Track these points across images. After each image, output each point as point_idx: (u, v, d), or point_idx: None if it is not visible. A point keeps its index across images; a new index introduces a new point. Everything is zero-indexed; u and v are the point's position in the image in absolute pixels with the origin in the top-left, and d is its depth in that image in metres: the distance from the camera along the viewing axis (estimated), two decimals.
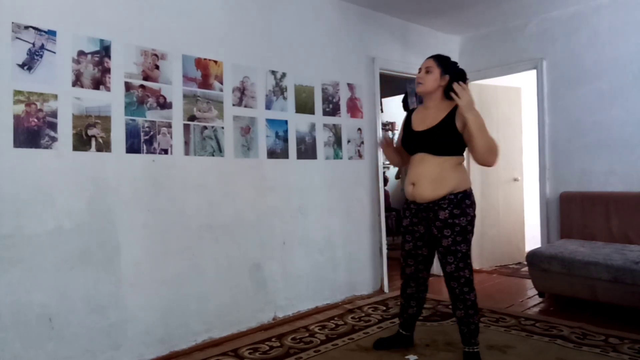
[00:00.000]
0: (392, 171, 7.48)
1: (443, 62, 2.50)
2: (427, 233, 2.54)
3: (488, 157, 2.35)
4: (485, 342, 2.76)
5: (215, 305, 3.02)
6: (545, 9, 4.26)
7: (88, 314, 2.49)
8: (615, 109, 3.96)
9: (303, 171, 3.59)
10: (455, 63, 2.54)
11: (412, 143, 2.56)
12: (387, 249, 4.32)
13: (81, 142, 2.51)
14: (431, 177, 2.43)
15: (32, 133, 2.35)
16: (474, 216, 2.46)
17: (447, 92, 2.44)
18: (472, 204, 2.46)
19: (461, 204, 2.41)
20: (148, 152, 2.76)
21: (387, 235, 4.71)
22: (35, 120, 2.36)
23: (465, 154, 2.56)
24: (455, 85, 2.31)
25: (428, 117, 2.51)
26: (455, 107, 2.40)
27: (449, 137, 2.41)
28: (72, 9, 2.50)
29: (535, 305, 3.67)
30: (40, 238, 2.35)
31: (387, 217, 5.04)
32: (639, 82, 3.84)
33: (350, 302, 3.75)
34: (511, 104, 5.29)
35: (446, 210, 2.40)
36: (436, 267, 3.58)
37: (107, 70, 2.62)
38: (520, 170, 5.34)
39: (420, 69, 2.55)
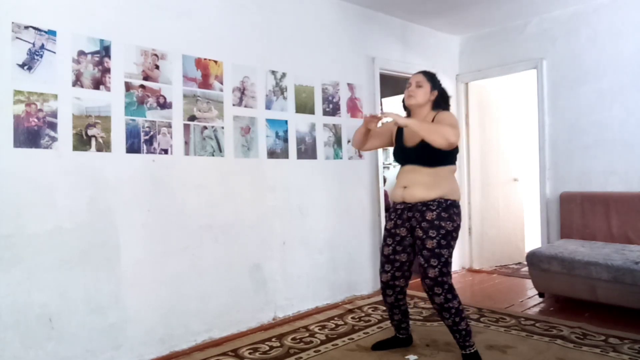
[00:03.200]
0: (393, 172, 7.47)
1: (432, 79, 2.61)
2: (409, 237, 2.55)
3: (439, 138, 2.31)
4: (485, 342, 2.77)
5: (215, 305, 3.02)
6: (545, 9, 4.26)
7: (88, 314, 2.49)
8: (615, 109, 3.97)
9: (303, 171, 3.59)
10: (439, 81, 2.66)
11: (403, 156, 2.63)
12: None
13: (81, 142, 2.51)
14: (423, 183, 2.47)
15: (32, 133, 2.35)
16: (459, 225, 2.48)
17: (435, 106, 2.59)
18: (459, 215, 2.49)
19: (449, 209, 2.44)
20: (148, 152, 2.76)
21: None
22: (35, 120, 2.36)
23: (464, 155, 2.59)
24: (388, 116, 2.47)
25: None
26: (434, 117, 2.53)
27: (438, 149, 2.41)
28: (72, 9, 2.51)
29: (535, 305, 3.67)
30: (40, 238, 2.35)
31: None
32: (639, 82, 3.85)
33: (350, 302, 3.75)
34: (511, 104, 5.30)
35: (434, 211, 2.42)
36: None
37: (107, 70, 2.62)
38: (520, 170, 5.34)
39: (410, 83, 2.62)
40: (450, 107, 2.67)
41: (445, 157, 2.48)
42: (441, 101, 2.61)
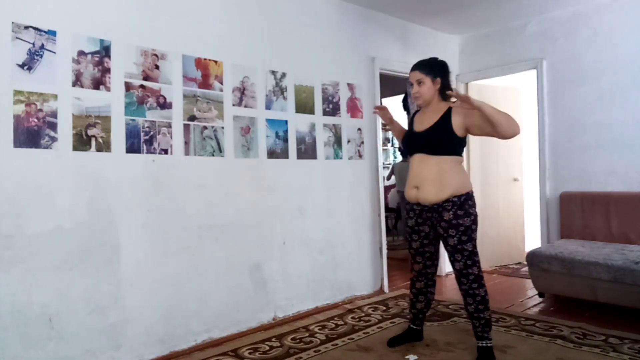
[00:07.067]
0: (387, 173, 7.45)
1: (428, 68, 2.54)
2: (432, 232, 2.62)
3: (511, 128, 2.32)
4: None
5: (215, 305, 3.02)
6: (545, 9, 4.26)
7: (88, 314, 2.49)
8: (615, 109, 3.97)
9: (303, 171, 3.58)
10: (435, 60, 2.60)
11: (411, 143, 2.64)
12: (387, 249, 4.32)
13: (81, 142, 2.51)
14: (432, 178, 2.49)
15: (32, 133, 2.35)
16: (476, 215, 2.52)
17: (443, 94, 2.55)
18: (474, 205, 2.53)
19: (464, 205, 2.47)
20: (148, 152, 2.76)
21: (387, 235, 4.71)
22: (35, 120, 2.36)
23: (464, 154, 2.60)
24: (453, 95, 2.40)
25: (426, 119, 2.59)
26: (450, 108, 2.51)
27: (445, 136, 2.48)
28: (72, 9, 2.50)
29: (535, 305, 3.67)
30: (40, 238, 2.35)
31: (386, 217, 5.04)
32: (639, 82, 3.85)
33: (350, 302, 3.75)
34: (511, 104, 5.28)
35: (450, 211, 2.46)
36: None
37: (107, 70, 2.62)
38: (520, 170, 5.34)
39: (410, 82, 2.59)
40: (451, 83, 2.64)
41: (452, 146, 2.50)
42: (447, 86, 2.56)
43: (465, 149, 4.87)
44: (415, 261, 2.73)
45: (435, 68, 2.55)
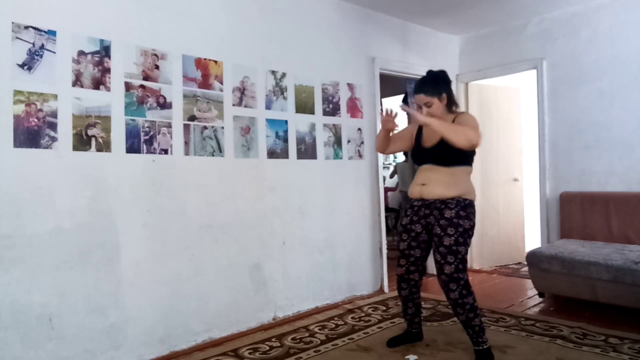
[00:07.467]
0: (387, 172, 7.44)
1: (433, 88, 2.52)
2: (423, 234, 2.59)
3: (460, 140, 2.32)
4: None
5: (215, 305, 3.02)
6: (545, 9, 4.26)
7: (88, 314, 2.49)
8: (615, 109, 3.97)
9: (303, 171, 3.59)
10: (436, 75, 2.57)
11: (421, 157, 2.65)
12: (387, 249, 4.32)
13: (81, 142, 2.51)
14: (441, 180, 2.51)
15: (32, 133, 2.35)
16: (474, 224, 2.52)
17: (449, 106, 2.57)
18: (475, 214, 2.53)
19: (467, 208, 2.48)
20: (148, 152, 2.76)
21: (387, 235, 4.70)
22: (35, 120, 2.36)
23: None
24: (407, 112, 2.51)
25: (435, 133, 2.52)
26: (455, 119, 2.53)
27: (453, 148, 2.43)
28: (72, 9, 2.51)
29: (535, 305, 3.67)
30: (40, 238, 2.35)
31: (386, 217, 5.03)
32: (639, 82, 3.85)
33: (350, 302, 3.75)
34: (511, 104, 5.29)
35: (453, 210, 2.46)
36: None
37: (107, 70, 2.62)
38: (520, 170, 5.34)
39: (418, 105, 2.56)
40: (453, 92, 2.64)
41: (462, 157, 2.51)
42: (452, 98, 2.58)
43: None
44: (398, 264, 2.68)
45: (438, 85, 2.53)
